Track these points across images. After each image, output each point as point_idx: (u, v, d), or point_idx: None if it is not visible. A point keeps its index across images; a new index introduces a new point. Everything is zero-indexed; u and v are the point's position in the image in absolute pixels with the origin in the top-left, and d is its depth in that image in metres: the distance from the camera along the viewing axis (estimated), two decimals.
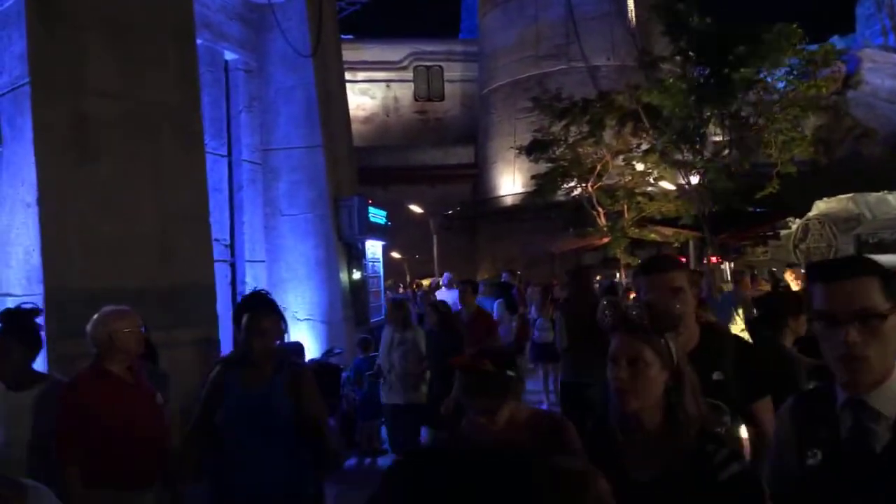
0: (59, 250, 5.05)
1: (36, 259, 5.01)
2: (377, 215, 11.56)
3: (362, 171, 10.98)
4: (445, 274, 17.90)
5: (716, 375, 2.05)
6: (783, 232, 17.29)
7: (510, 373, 2.25)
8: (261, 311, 2.99)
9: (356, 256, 9.45)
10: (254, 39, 8.88)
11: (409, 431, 5.91)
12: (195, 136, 6.11)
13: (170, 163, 5.74)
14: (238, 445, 2.93)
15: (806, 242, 15.38)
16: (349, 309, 8.94)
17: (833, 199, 14.65)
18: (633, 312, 1.69)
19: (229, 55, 8.53)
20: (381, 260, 12.57)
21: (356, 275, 9.36)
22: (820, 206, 14.58)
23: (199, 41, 6.93)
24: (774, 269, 13.51)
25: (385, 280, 14.00)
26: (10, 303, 5.31)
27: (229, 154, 8.53)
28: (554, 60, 23.87)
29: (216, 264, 7.46)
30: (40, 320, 3.18)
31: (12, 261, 5.31)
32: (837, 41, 23.52)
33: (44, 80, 5.20)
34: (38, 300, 4.98)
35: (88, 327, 3.03)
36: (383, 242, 12.56)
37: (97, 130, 5.33)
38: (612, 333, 1.70)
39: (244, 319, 2.98)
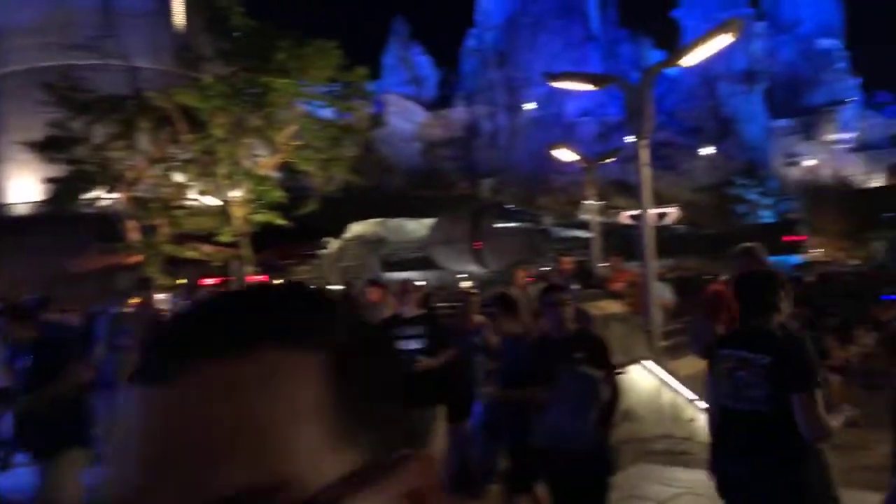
0: None
1: None
2: None
3: None
4: None
5: None
6: (322, 251, 18.69)
7: None
8: None
9: None
10: None
11: None
12: None
13: None
14: None
15: (344, 261, 17.14)
16: None
17: (364, 222, 16.58)
18: None
19: None
20: None
21: None
22: (354, 229, 16.45)
23: None
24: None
25: None
26: None
27: None
28: (85, 53, 20.83)
29: None
30: None
31: None
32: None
33: None
34: None
35: None
36: None
37: None
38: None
39: None
